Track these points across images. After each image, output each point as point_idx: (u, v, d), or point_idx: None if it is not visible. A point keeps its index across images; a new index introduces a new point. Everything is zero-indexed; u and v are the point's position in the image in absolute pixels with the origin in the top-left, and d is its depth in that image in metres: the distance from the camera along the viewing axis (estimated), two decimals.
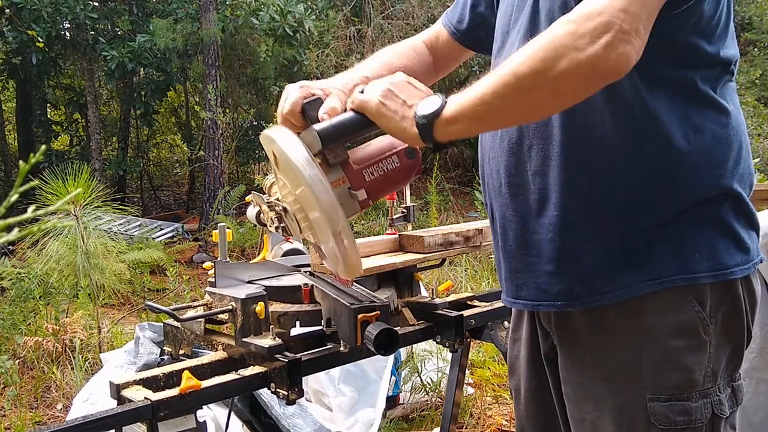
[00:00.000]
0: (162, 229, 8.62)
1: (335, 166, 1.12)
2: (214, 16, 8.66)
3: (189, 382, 1.22)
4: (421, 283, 1.73)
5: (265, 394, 2.05)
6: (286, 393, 1.29)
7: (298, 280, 1.51)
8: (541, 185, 1.14)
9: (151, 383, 1.28)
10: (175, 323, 1.47)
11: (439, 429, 2.31)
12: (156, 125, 12.77)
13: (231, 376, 1.31)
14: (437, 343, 1.65)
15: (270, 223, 1.42)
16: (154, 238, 7.65)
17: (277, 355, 1.29)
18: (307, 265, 1.62)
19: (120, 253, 4.60)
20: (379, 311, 1.26)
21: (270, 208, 1.33)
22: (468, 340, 2.05)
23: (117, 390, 1.25)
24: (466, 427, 3.11)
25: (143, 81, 10.91)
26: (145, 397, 1.20)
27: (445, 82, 11.52)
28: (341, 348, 1.33)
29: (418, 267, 1.69)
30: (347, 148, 1.15)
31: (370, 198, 1.14)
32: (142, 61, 9.30)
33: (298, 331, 1.42)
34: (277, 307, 1.42)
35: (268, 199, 1.36)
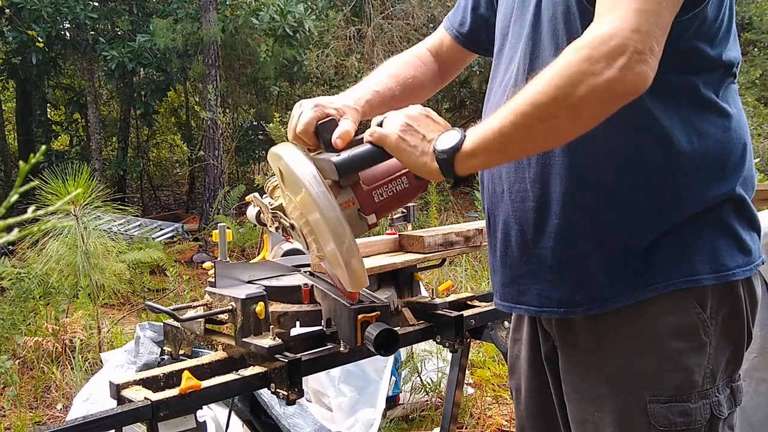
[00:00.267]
0: (162, 229, 8.63)
1: (346, 188, 1.13)
2: (214, 16, 8.66)
3: (189, 382, 1.22)
4: (421, 283, 1.73)
5: (266, 394, 2.05)
6: (286, 393, 1.29)
7: (298, 280, 1.51)
8: (540, 193, 1.14)
9: (151, 383, 1.28)
10: (175, 323, 1.46)
11: (439, 429, 2.31)
12: (156, 125, 12.78)
13: (231, 376, 1.31)
14: (437, 343, 1.65)
15: (270, 224, 1.43)
16: (154, 238, 7.66)
17: (277, 355, 1.29)
18: (307, 265, 1.62)
19: (120, 253, 4.60)
20: (379, 311, 1.26)
21: (275, 218, 1.34)
22: (468, 340, 2.05)
23: (117, 390, 1.25)
24: (466, 427, 3.11)
25: (143, 81, 10.92)
26: (145, 397, 1.20)
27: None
28: (341, 348, 1.33)
29: (418, 267, 1.69)
30: None
31: (378, 218, 1.16)
32: (142, 61, 9.31)
33: (298, 331, 1.42)
34: (277, 307, 1.42)
35: (272, 205, 1.36)
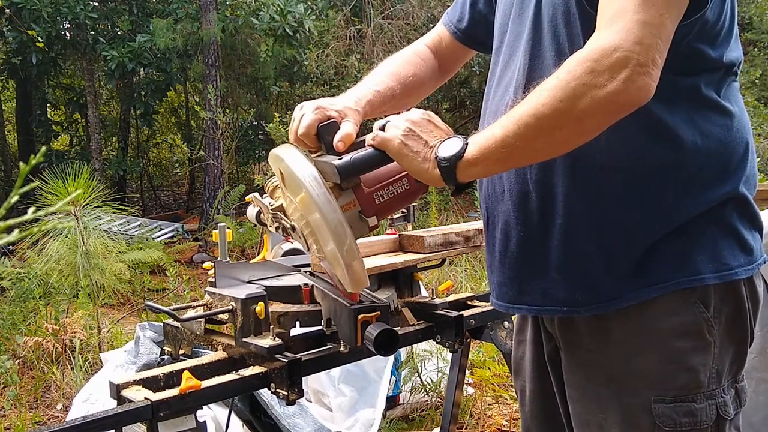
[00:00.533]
0: (162, 229, 8.62)
1: (347, 190, 1.14)
2: (214, 16, 8.66)
3: (189, 382, 1.22)
4: (421, 283, 1.73)
5: (265, 394, 2.04)
6: (286, 393, 1.28)
7: (298, 280, 1.51)
8: (543, 193, 1.14)
9: (151, 383, 1.28)
10: (175, 323, 1.46)
11: (439, 429, 2.31)
12: (156, 125, 12.78)
13: (231, 376, 1.31)
14: (437, 343, 1.65)
15: (270, 224, 1.43)
16: (154, 238, 7.65)
17: (277, 355, 1.29)
18: (307, 265, 1.62)
19: (120, 253, 4.60)
20: (379, 311, 1.26)
21: (275, 219, 1.34)
22: (468, 340, 2.05)
23: (117, 390, 1.25)
24: (466, 427, 3.11)
25: (143, 81, 10.91)
26: (145, 397, 1.20)
27: (446, 82, 11.54)
28: (341, 348, 1.33)
29: (418, 267, 1.69)
30: None
31: (378, 219, 1.17)
32: (142, 61, 9.30)
33: (298, 331, 1.42)
34: (277, 307, 1.42)
35: (272, 206, 1.36)
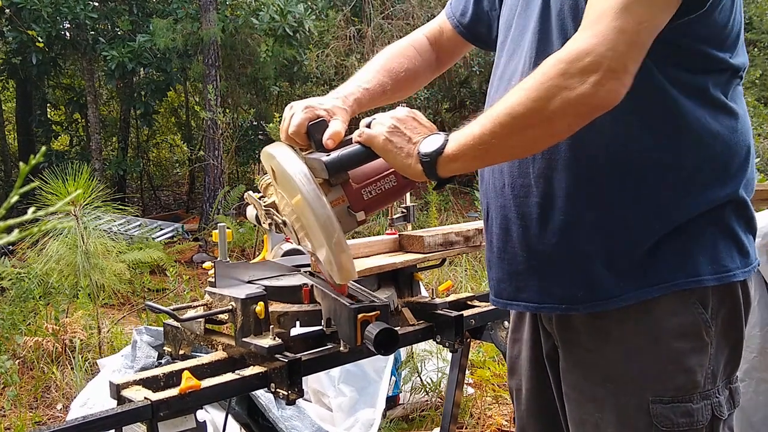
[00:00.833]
0: (162, 229, 8.62)
1: (336, 186, 1.18)
2: (214, 16, 8.66)
3: (189, 382, 1.22)
4: (421, 283, 1.73)
5: (263, 397, 2.04)
6: (286, 393, 1.28)
7: (298, 280, 1.51)
8: (545, 188, 1.14)
9: (151, 383, 1.28)
10: (175, 323, 1.46)
11: (439, 429, 2.31)
12: (156, 125, 12.77)
13: (231, 376, 1.31)
14: (437, 343, 1.65)
15: (263, 220, 1.43)
16: (154, 238, 7.65)
17: (277, 355, 1.29)
18: (307, 265, 1.62)
19: (120, 253, 4.60)
20: (379, 311, 1.26)
21: (268, 215, 1.37)
22: (468, 340, 2.05)
23: (117, 390, 1.25)
24: (466, 427, 3.11)
25: (143, 81, 10.91)
26: (145, 397, 1.20)
27: (446, 82, 11.54)
28: (341, 348, 1.33)
29: (418, 267, 1.68)
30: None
31: (366, 214, 1.21)
32: (142, 61, 9.30)
33: (298, 331, 1.42)
34: (277, 307, 1.42)
35: (265, 203, 1.37)
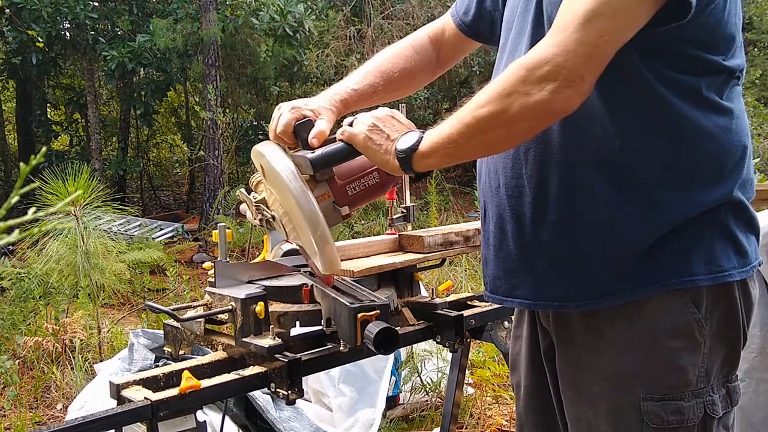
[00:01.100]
0: (162, 229, 8.62)
1: (322, 182, 1.26)
2: (214, 16, 8.66)
3: (189, 382, 1.22)
4: (421, 283, 1.73)
5: (261, 398, 2.04)
6: (286, 393, 1.28)
7: (298, 280, 1.51)
8: (537, 189, 1.15)
9: (151, 383, 1.28)
10: (175, 323, 1.47)
11: (439, 429, 2.31)
12: (156, 125, 12.77)
13: (231, 376, 1.31)
14: (437, 343, 1.65)
15: (254, 216, 1.45)
16: (154, 238, 7.65)
17: (277, 355, 1.29)
18: (307, 265, 1.62)
19: (120, 253, 4.60)
20: (378, 311, 1.26)
21: (258, 211, 1.41)
22: (468, 340, 2.05)
23: (117, 390, 1.25)
24: (466, 427, 3.11)
25: (143, 81, 10.91)
26: (145, 397, 1.20)
27: (446, 82, 11.55)
28: (341, 348, 1.33)
29: (418, 267, 1.68)
30: None
31: (351, 209, 1.28)
32: (142, 61, 9.30)
33: (298, 331, 1.42)
34: (277, 307, 1.42)
35: (255, 199, 1.42)
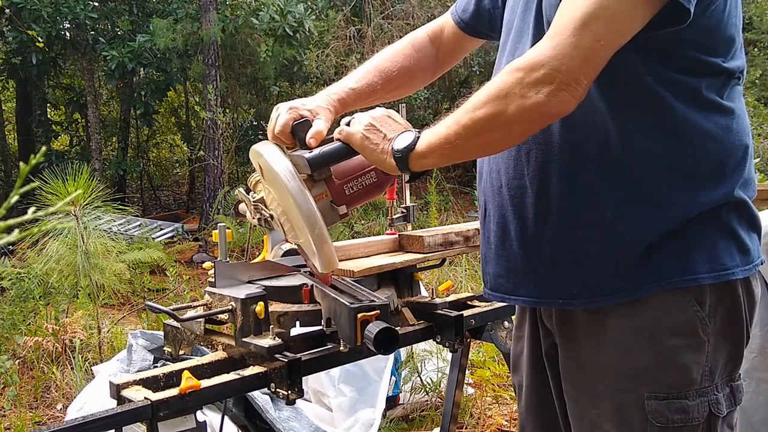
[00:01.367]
0: (162, 229, 8.62)
1: (320, 182, 1.27)
2: (214, 16, 8.65)
3: (189, 382, 1.22)
4: (421, 283, 1.73)
5: (260, 398, 2.04)
6: (286, 393, 1.28)
7: (298, 280, 1.51)
8: (539, 189, 1.15)
9: (151, 383, 1.28)
10: (175, 323, 1.47)
11: (439, 429, 2.31)
12: (156, 125, 12.76)
13: (231, 376, 1.31)
14: (437, 343, 1.65)
15: (252, 215, 1.45)
16: (154, 238, 7.65)
17: (277, 355, 1.29)
18: (307, 265, 1.62)
19: (120, 253, 4.59)
20: (379, 311, 1.26)
21: (257, 210, 1.41)
22: (468, 340, 2.05)
23: (117, 390, 1.25)
24: (466, 427, 3.11)
25: (143, 81, 10.90)
26: (145, 397, 1.20)
27: (446, 82, 11.55)
28: (341, 348, 1.33)
29: (418, 267, 1.68)
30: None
31: (348, 208, 1.29)
32: (142, 61, 9.29)
33: (298, 331, 1.42)
34: (277, 307, 1.42)
35: (253, 198, 1.42)
